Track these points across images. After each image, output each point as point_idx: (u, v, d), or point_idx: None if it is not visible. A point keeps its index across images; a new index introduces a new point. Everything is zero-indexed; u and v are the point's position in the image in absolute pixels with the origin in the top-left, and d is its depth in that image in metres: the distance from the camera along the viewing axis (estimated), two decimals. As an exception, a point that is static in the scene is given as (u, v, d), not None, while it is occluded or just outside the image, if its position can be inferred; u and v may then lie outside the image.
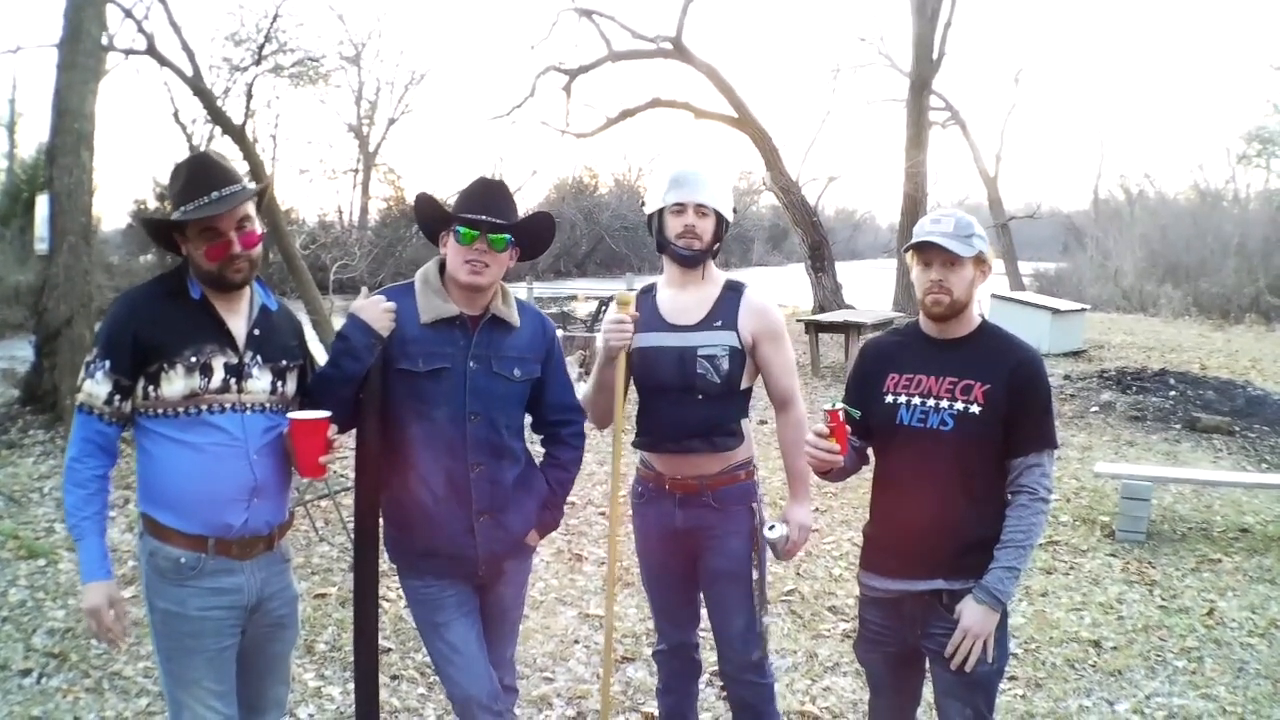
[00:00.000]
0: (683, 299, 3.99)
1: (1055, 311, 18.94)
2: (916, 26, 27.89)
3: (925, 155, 28.25)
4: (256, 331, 3.36)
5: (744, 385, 3.96)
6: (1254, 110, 54.03)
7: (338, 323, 15.27)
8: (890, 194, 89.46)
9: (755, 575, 3.94)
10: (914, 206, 27.20)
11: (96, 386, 3.19)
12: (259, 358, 3.34)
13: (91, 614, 3.20)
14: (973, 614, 3.30)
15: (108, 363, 3.19)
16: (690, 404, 3.88)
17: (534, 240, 3.74)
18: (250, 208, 3.31)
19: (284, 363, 3.43)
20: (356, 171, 48.38)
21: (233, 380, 3.27)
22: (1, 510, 8.34)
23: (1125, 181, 46.32)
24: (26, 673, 5.45)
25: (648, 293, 4.12)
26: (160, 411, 3.22)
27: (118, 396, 3.21)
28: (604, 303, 20.34)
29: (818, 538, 8.11)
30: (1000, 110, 77.31)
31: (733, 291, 4.00)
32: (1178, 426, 12.74)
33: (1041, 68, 78.01)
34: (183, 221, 3.23)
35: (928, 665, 3.59)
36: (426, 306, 3.60)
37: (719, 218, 3.97)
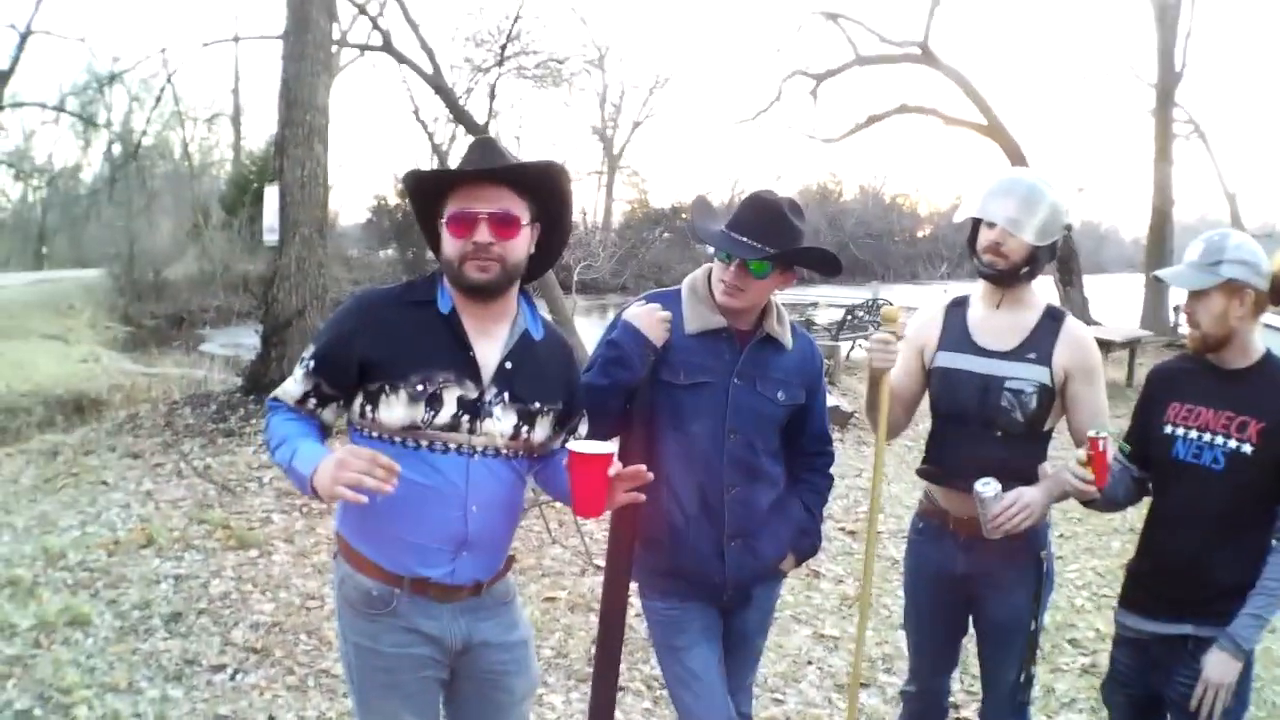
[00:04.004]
0: (995, 321, 3.69)
1: (1304, 336, 17.54)
2: (1159, 36, 27.29)
3: (1171, 168, 27.70)
4: (509, 365, 2.92)
5: (1047, 427, 3.65)
6: None
7: (579, 323, 15.35)
8: (1133, 206, 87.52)
9: (1033, 626, 3.67)
10: (1161, 220, 26.91)
11: (293, 385, 2.89)
12: (505, 395, 2.90)
13: (339, 469, 2.52)
14: (1214, 663, 3.20)
15: (312, 364, 2.86)
16: (988, 440, 3.60)
17: (815, 266, 3.54)
18: (519, 207, 2.85)
19: (537, 405, 2.97)
20: (601, 174, 49.69)
21: (465, 418, 2.83)
22: (213, 499, 8.23)
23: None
24: (219, 669, 5.27)
25: (959, 305, 3.84)
26: (376, 435, 2.84)
27: (313, 400, 2.88)
28: (850, 311, 20.19)
29: (1060, 565, 7.71)
30: (1243, 124, 74.44)
31: (1052, 320, 3.66)
32: None
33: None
34: (442, 185, 2.88)
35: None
36: (693, 316, 3.42)
37: None
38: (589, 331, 14.74)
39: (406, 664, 2.89)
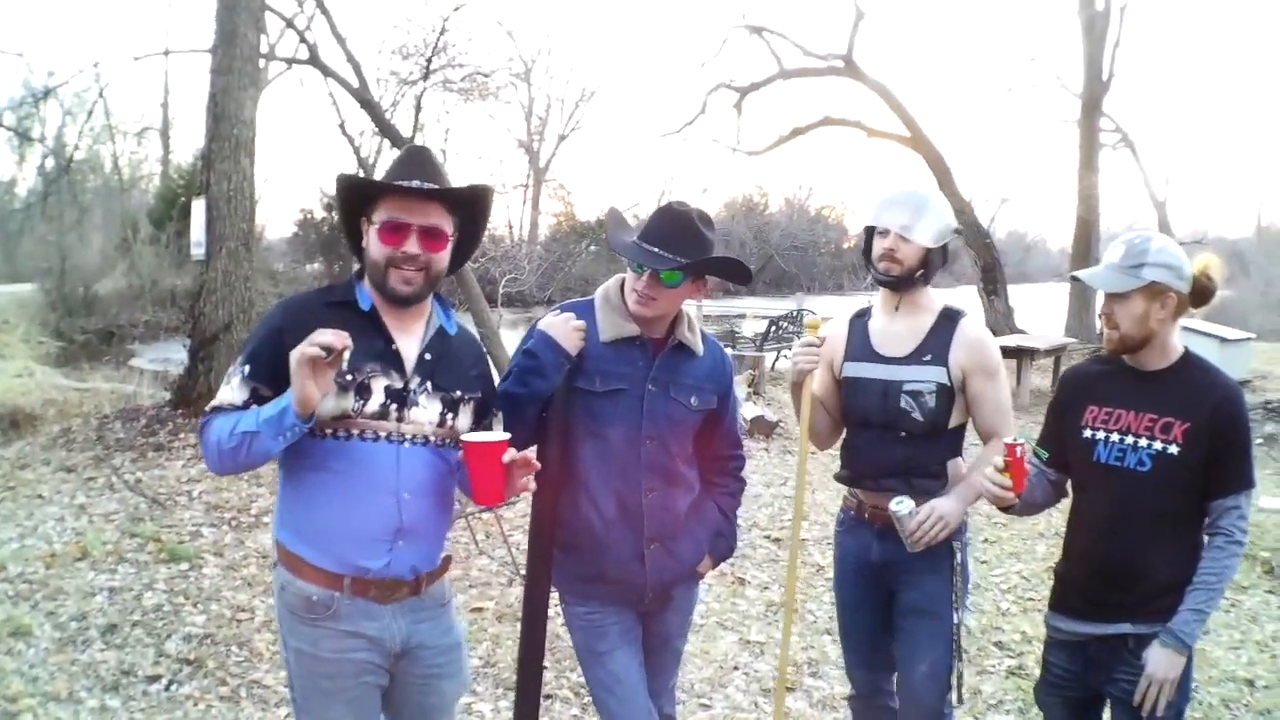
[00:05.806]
0: (893, 327, 3.84)
1: (1223, 340, 17.89)
2: (1086, 46, 27.47)
3: (1097, 178, 27.81)
4: (428, 356, 3.06)
5: (953, 424, 3.78)
6: None
7: (505, 335, 15.33)
8: (1061, 216, 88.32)
9: (956, 618, 3.75)
10: (1087, 230, 26.95)
11: (232, 394, 2.90)
12: (428, 385, 3.03)
13: (300, 355, 2.62)
14: (1158, 659, 3.21)
15: (247, 368, 2.90)
16: (891, 442, 3.75)
17: (726, 275, 3.60)
18: (446, 222, 3.03)
19: (458, 394, 3.10)
20: (526, 187, 49.40)
21: (393, 406, 2.95)
22: (144, 512, 8.24)
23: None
24: (154, 679, 5.32)
25: (861, 316, 3.98)
26: (308, 430, 2.86)
27: (254, 405, 2.87)
28: (774, 322, 20.23)
29: (985, 570, 7.91)
30: (1170, 133, 75.45)
31: (948, 321, 3.80)
32: (1345, 462, 12.12)
33: (1211, 90, 76.09)
34: (376, 193, 3.00)
35: (1108, 708, 3.51)
36: (607, 325, 3.50)
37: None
38: (515, 344, 14.55)
39: (348, 669, 2.95)
